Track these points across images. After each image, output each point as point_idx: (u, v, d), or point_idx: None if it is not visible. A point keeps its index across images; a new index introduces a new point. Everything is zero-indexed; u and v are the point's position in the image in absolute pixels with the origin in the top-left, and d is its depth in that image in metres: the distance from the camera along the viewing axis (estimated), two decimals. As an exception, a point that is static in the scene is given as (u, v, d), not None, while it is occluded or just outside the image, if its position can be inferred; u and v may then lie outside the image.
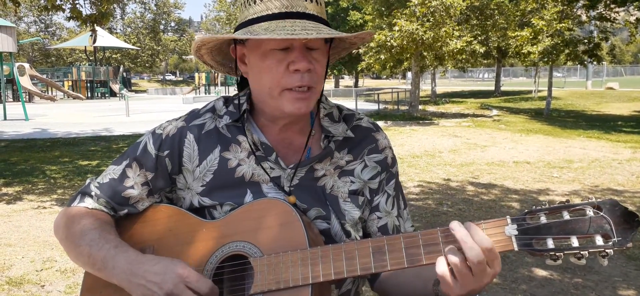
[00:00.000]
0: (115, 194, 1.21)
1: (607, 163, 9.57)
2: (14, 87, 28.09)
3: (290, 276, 1.03)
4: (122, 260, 1.09)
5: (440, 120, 17.95)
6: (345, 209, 1.20)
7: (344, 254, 1.03)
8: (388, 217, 1.26)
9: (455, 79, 54.68)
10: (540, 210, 0.96)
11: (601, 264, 0.92)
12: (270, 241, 1.08)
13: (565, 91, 33.33)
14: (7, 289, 4.01)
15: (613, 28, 20.26)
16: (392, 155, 1.30)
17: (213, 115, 1.24)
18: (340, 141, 1.23)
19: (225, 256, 1.11)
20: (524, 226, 0.95)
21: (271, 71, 1.10)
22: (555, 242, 0.93)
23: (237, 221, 1.12)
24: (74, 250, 1.18)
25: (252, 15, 1.11)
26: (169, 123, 1.25)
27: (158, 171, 1.21)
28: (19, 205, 6.55)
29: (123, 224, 1.23)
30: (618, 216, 0.91)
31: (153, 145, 1.22)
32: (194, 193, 1.20)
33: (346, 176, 1.22)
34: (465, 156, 10.42)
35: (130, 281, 1.08)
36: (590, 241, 0.92)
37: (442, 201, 6.67)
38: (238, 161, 1.19)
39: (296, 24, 1.06)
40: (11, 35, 17.30)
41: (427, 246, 0.99)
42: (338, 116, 1.26)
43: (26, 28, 56.33)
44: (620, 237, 0.90)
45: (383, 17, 20.09)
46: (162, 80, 66.94)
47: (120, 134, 14.09)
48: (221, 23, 59.35)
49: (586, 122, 17.91)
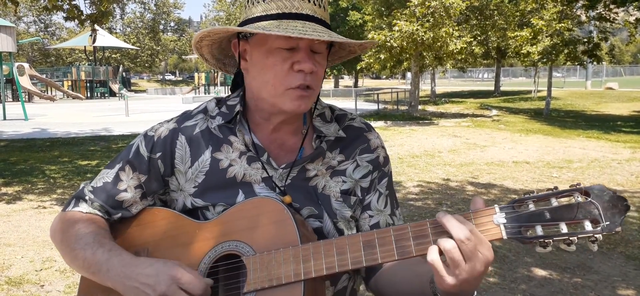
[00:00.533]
0: (109, 198, 1.21)
1: (607, 162, 9.58)
2: (14, 87, 28.09)
3: (283, 273, 1.04)
4: (115, 263, 1.10)
5: (440, 120, 17.96)
6: (336, 208, 1.21)
7: (335, 249, 1.04)
8: (380, 215, 1.26)
9: (455, 79, 54.69)
10: (529, 198, 0.96)
11: (591, 250, 0.93)
12: (263, 240, 1.08)
13: (564, 91, 33.36)
14: (6, 289, 4.01)
15: (612, 28, 20.26)
16: (384, 154, 1.30)
17: (205, 116, 1.24)
18: (332, 141, 1.23)
19: (219, 256, 1.11)
20: (512, 214, 0.96)
21: (275, 68, 1.11)
22: (544, 229, 0.94)
23: (230, 221, 1.13)
24: (69, 253, 1.19)
25: (260, 13, 1.11)
26: (160, 125, 1.25)
27: (151, 174, 1.21)
28: (18, 205, 6.55)
29: (118, 228, 1.23)
30: (606, 201, 0.92)
31: (145, 147, 1.22)
32: (186, 195, 1.20)
33: (338, 176, 1.22)
34: (464, 156, 10.42)
35: (124, 284, 1.08)
36: (580, 227, 0.92)
37: (441, 201, 6.67)
38: (229, 162, 1.19)
39: (307, 26, 1.08)
40: (11, 35, 17.30)
41: (417, 238, 0.99)
42: (330, 116, 1.26)
43: (26, 28, 56.31)
44: (609, 221, 0.91)
45: (383, 17, 20.09)
46: (162, 80, 66.94)
47: (120, 134, 14.09)
48: (221, 23, 59.33)
49: (585, 123, 17.92)
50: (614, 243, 4.96)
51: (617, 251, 4.79)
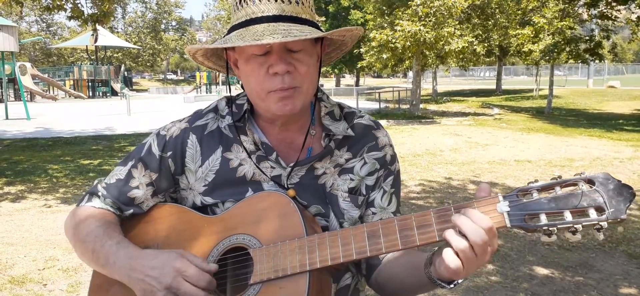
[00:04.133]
0: (121, 195, 1.24)
1: (609, 161, 9.56)
2: (16, 87, 28.11)
3: (289, 264, 1.06)
4: (122, 256, 1.12)
5: (442, 119, 17.94)
6: (344, 208, 1.22)
7: (340, 239, 1.05)
8: (383, 213, 1.27)
9: (457, 78, 54.60)
10: (532, 187, 0.96)
11: (597, 238, 0.93)
12: (269, 232, 1.10)
13: (566, 90, 33.29)
14: (9, 288, 4.03)
15: (614, 26, 20.20)
16: (392, 153, 1.30)
17: (215, 115, 1.27)
18: (340, 139, 1.24)
19: (227, 249, 1.14)
20: (516, 202, 0.96)
21: (254, 74, 1.12)
22: (548, 218, 0.93)
23: (237, 214, 1.15)
24: (80, 247, 1.21)
25: (237, 20, 1.13)
26: (172, 124, 1.28)
27: (162, 172, 1.24)
28: (21, 204, 6.57)
29: (129, 224, 1.26)
30: (611, 189, 0.91)
31: (157, 146, 1.25)
32: (196, 193, 1.22)
33: (346, 174, 1.24)
34: (466, 154, 10.42)
35: (130, 276, 1.10)
36: (584, 215, 0.92)
37: (443, 200, 6.67)
38: (239, 161, 1.21)
39: (269, 28, 1.07)
40: (13, 35, 17.31)
41: (421, 227, 1.01)
42: (339, 115, 1.27)
43: (28, 27, 56.33)
44: (614, 209, 0.90)
45: (384, 16, 20.05)
46: (164, 79, 66.96)
47: (122, 133, 14.11)
48: (222, 22, 59.34)
49: (587, 121, 17.89)
50: (616, 242, 4.96)
51: (619, 250, 4.79)
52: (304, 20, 1.12)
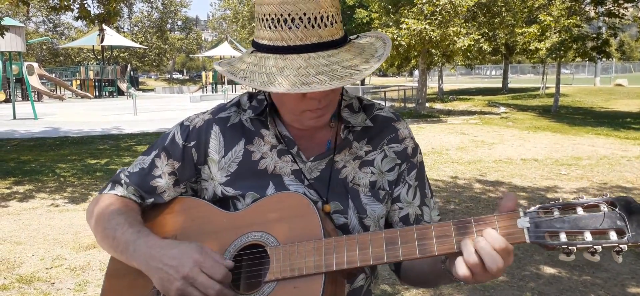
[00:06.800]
0: (144, 183, 1.26)
1: (616, 160, 9.51)
2: (23, 87, 28.32)
3: (305, 265, 1.07)
4: (142, 244, 1.14)
5: (448, 117, 17.90)
6: (366, 203, 1.22)
7: (358, 244, 1.06)
8: (410, 207, 1.27)
9: (463, 77, 54.42)
10: (554, 205, 0.97)
11: (616, 261, 0.93)
12: (287, 232, 1.12)
13: (573, 88, 33.12)
14: (17, 286, 4.06)
15: (622, 24, 20.06)
16: (413, 145, 1.30)
17: (238, 109, 1.28)
18: (358, 131, 1.24)
19: (244, 246, 1.15)
20: (536, 219, 0.96)
21: (289, 96, 1.12)
22: (568, 237, 0.94)
23: (256, 212, 1.17)
24: (100, 233, 1.23)
25: (267, 41, 1.07)
26: (196, 116, 1.30)
27: (185, 161, 1.26)
28: (29, 203, 6.61)
29: (149, 214, 1.28)
30: (633, 212, 0.92)
31: (181, 136, 1.27)
32: (217, 184, 1.24)
33: (366, 167, 1.24)
34: (472, 153, 10.39)
35: (148, 265, 1.12)
36: (605, 237, 0.92)
37: (449, 199, 6.66)
38: (261, 154, 1.23)
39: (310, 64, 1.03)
40: (20, 35, 17.44)
41: (440, 237, 1.02)
42: (358, 107, 1.28)
43: (35, 28, 56.70)
44: (635, 232, 0.90)
45: (390, 15, 20.01)
46: (170, 79, 67.22)
47: (129, 133, 14.17)
48: (227, 22, 59.41)
49: (594, 119, 17.79)
50: (624, 241, 4.93)
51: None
52: (339, 41, 1.09)
